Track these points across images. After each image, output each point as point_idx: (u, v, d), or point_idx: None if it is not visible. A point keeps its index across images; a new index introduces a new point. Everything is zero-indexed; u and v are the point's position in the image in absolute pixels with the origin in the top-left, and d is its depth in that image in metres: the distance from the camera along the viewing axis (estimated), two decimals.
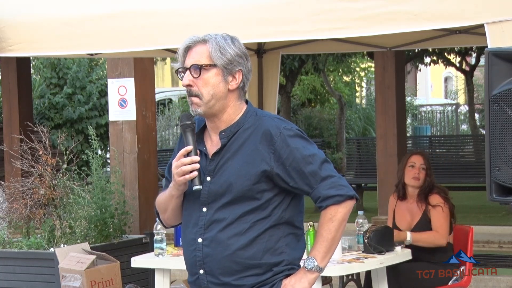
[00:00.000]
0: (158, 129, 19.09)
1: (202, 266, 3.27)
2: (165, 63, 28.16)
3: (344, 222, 3.27)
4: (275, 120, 3.28)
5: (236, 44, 3.31)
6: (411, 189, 6.41)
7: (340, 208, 3.24)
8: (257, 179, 3.21)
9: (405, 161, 6.47)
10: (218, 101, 3.26)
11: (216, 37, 3.30)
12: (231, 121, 3.29)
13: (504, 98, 3.26)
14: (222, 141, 3.27)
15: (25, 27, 6.01)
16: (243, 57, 3.30)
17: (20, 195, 7.10)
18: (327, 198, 3.23)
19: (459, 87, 32.65)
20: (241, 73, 3.28)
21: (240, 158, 3.24)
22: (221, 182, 3.24)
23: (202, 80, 3.24)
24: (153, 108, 8.36)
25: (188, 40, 3.32)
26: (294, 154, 3.22)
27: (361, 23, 4.96)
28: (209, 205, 3.26)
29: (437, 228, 6.25)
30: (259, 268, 3.24)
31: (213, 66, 3.24)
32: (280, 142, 3.22)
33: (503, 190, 3.30)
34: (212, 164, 3.27)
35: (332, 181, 3.25)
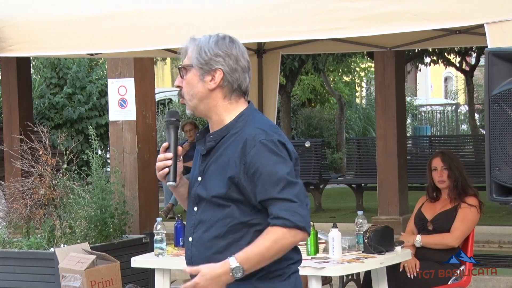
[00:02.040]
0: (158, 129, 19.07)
1: (191, 264, 3.30)
2: (165, 63, 28.18)
3: (282, 252, 3.17)
4: (256, 130, 3.21)
5: (220, 44, 3.29)
6: (443, 190, 6.42)
7: (288, 234, 3.13)
8: (228, 186, 3.20)
9: (428, 166, 6.47)
10: (200, 101, 3.27)
11: (202, 38, 3.32)
12: (222, 123, 3.28)
13: (504, 98, 3.26)
14: (208, 144, 3.28)
15: (25, 27, 6.01)
16: (223, 56, 3.26)
17: (20, 195, 7.11)
18: (277, 218, 3.13)
19: (459, 87, 32.66)
20: (222, 72, 3.24)
21: (219, 164, 3.24)
22: (204, 185, 3.27)
23: (185, 80, 3.28)
24: (153, 108, 8.36)
25: (184, 43, 3.37)
26: (261, 170, 3.15)
27: (361, 23, 4.95)
28: (198, 204, 3.29)
29: (456, 227, 6.24)
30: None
31: (191, 66, 3.27)
32: (252, 155, 3.16)
33: (503, 190, 3.30)
34: (203, 165, 3.30)
35: (290, 205, 3.14)
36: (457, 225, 6.25)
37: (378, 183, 10.76)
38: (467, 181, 6.36)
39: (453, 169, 6.34)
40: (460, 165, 6.42)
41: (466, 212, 6.27)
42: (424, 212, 6.42)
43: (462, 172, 6.36)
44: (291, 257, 3.27)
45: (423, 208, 6.47)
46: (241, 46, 3.34)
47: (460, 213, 6.28)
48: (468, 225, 6.28)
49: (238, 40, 3.38)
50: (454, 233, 6.25)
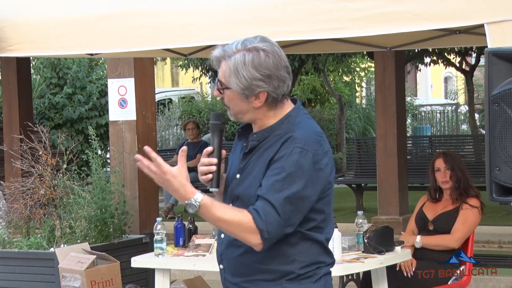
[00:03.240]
0: (158, 129, 19.09)
1: (222, 262, 3.28)
2: (165, 63, 28.19)
3: (228, 233, 3.12)
4: (298, 135, 3.12)
5: (257, 64, 3.12)
6: (446, 190, 6.42)
7: (250, 231, 3.04)
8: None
9: (431, 167, 6.46)
10: (245, 115, 3.19)
11: (236, 55, 3.14)
12: (267, 125, 3.20)
13: (504, 98, 3.26)
14: (251, 144, 3.20)
15: (25, 27, 6.01)
16: (264, 79, 3.11)
17: (20, 195, 7.11)
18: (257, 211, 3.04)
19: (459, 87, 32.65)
20: (266, 92, 3.12)
21: (259, 164, 3.17)
22: (242, 183, 3.21)
23: (225, 96, 3.17)
24: (153, 108, 8.36)
25: (216, 51, 3.20)
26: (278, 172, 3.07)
27: (361, 23, 4.95)
28: (233, 202, 3.23)
29: (456, 229, 6.24)
30: (267, 273, 3.16)
31: (229, 89, 3.15)
32: (282, 155, 3.09)
33: (503, 190, 3.30)
34: (243, 163, 3.23)
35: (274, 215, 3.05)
36: (458, 226, 6.25)
37: (378, 183, 10.77)
38: (469, 181, 6.36)
39: (455, 169, 6.34)
40: (462, 165, 6.43)
41: (467, 213, 6.26)
42: (425, 212, 6.42)
43: (465, 173, 6.37)
44: (323, 260, 3.23)
45: (424, 208, 6.47)
46: (277, 52, 3.18)
47: (461, 214, 6.28)
48: (469, 227, 6.27)
49: (272, 43, 3.21)
50: (454, 234, 6.25)
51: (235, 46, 3.16)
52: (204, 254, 5.80)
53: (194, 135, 13.74)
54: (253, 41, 3.19)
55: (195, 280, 7.00)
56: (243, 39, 3.21)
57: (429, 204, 6.46)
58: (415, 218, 6.48)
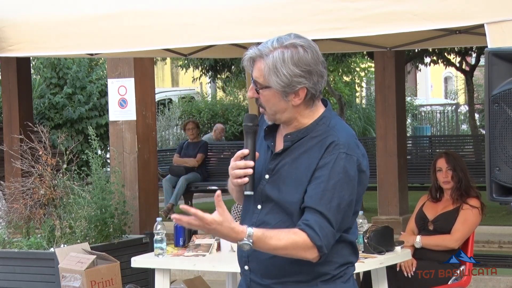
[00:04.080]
0: (158, 129, 19.09)
1: (247, 263, 3.22)
2: (165, 63, 28.18)
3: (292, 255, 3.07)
4: (342, 138, 3.10)
5: (297, 60, 3.09)
6: (446, 190, 6.42)
7: (308, 249, 3.04)
8: (302, 197, 3.10)
9: (433, 167, 6.46)
10: (283, 114, 3.14)
11: (275, 53, 3.10)
12: (300, 126, 3.16)
13: (504, 98, 3.26)
14: (285, 144, 3.16)
15: (25, 27, 6.01)
16: (305, 75, 3.08)
17: (20, 195, 7.10)
18: (311, 228, 3.03)
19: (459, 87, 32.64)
20: (305, 89, 3.10)
21: (297, 168, 3.12)
22: (275, 186, 3.15)
23: (262, 96, 3.13)
24: (153, 108, 8.36)
25: (250, 51, 3.15)
26: (325, 180, 3.05)
27: (361, 23, 4.95)
28: (263, 204, 3.19)
29: (456, 229, 6.24)
30: (301, 275, 3.14)
31: (269, 88, 3.10)
32: (327, 161, 3.07)
33: (503, 190, 3.30)
34: (272, 163, 3.17)
35: (328, 227, 3.04)
36: (458, 227, 6.25)
37: (378, 183, 10.76)
38: (470, 182, 6.36)
39: (457, 170, 6.35)
40: (464, 165, 6.43)
41: (467, 214, 6.26)
42: (425, 212, 6.43)
43: (466, 173, 6.37)
44: (352, 260, 3.26)
45: (424, 208, 6.47)
46: (314, 48, 3.16)
47: (461, 214, 6.28)
48: (469, 227, 6.28)
49: (307, 39, 3.20)
50: (454, 235, 6.25)
51: (270, 45, 3.12)
52: (204, 254, 5.80)
53: (194, 135, 13.74)
54: (289, 38, 3.16)
55: (195, 280, 7.00)
56: (277, 37, 3.17)
57: (429, 204, 6.46)
58: (415, 218, 6.48)
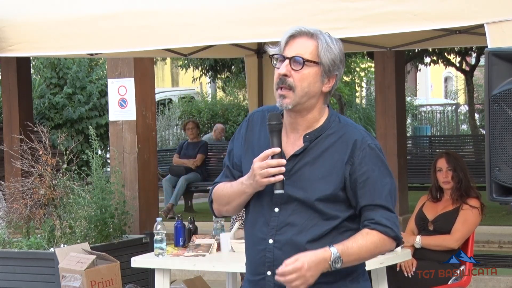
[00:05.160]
0: (158, 129, 19.08)
1: (271, 268, 3.17)
2: (165, 63, 28.19)
3: (374, 257, 3.20)
4: (361, 133, 3.20)
5: (340, 46, 3.21)
6: (446, 190, 6.41)
7: (387, 242, 3.16)
8: (335, 190, 3.15)
9: (433, 167, 6.46)
10: (309, 100, 3.16)
11: (324, 34, 3.19)
12: (314, 122, 3.20)
13: (504, 98, 3.26)
14: (305, 144, 3.18)
15: (25, 27, 6.01)
16: (342, 62, 3.22)
17: (20, 195, 7.10)
18: (379, 224, 3.14)
19: (459, 87, 32.65)
20: (336, 78, 3.20)
21: (321, 166, 3.16)
22: (298, 186, 3.16)
23: (301, 74, 3.14)
24: (153, 108, 8.36)
25: (294, 28, 3.20)
26: (369, 174, 3.15)
27: (361, 23, 4.95)
28: (282, 206, 3.18)
29: (456, 229, 6.24)
30: (331, 275, 3.14)
31: (317, 64, 3.15)
32: (361, 157, 3.15)
33: (503, 190, 3.30)
34: (289, 164, 3.17)
35: (391, 215, 3.17)
36: (457, 227, 6.25)
37: None
38: (470, 182, 6.36)
39: (457, 170, 6.34)
40: (464, 166, 6.43)
41: (467, 214, 6.26)
42: (425, 212, 6.42)
43: (466, 174, 6.37)
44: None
45: (424, 208, 6.47)
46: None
47: (461, 215, 6.27)
48: (469, 227, 6.27)
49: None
50: (454, 235, 6.25)
51: (311, 28, 3.19)
52: (204, 254, 5.80)
53: (194, 135, 13.73)
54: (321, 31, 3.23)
55: (195, 280, 7.00)
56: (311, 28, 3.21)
57: (429, 204, 6.46)
58: (415, 219, 6.48)
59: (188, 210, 13.61)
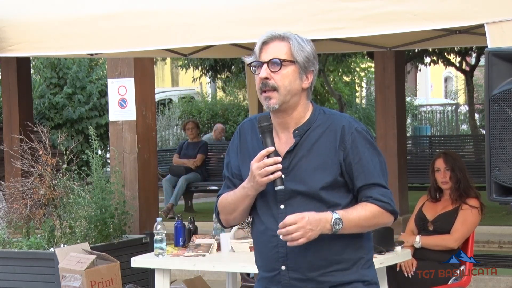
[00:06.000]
0: (158, 129, 19.08)
1: (285, 262, 3.32)
2: (165, 63, 28.18)
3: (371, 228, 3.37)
4: (347, 119, 3.37)
5: (311, 44, 3.39)
6: (445, 190, 6.41)
7: (385, 215, 3.34)
8: (334, 176, 3.30)
9: (431, 167, 6.46)
10: (292, 97, 3.32)
11: (295, 35, 3.37)
12: (300, 119, 3.36)
13: (504, 98, 3.26)
14: (295, 139, 3.33)
15: (25, 27, 6.01)
16: (316, 59, 3.39)
17: (20, 195, 7.10)
18: (377, 199, 3.31)
19: (459, 87, 32.64)
20: (312, 74, 3.37)
21: (316, 156, 3.31)
22: (298, 180, 3.30)
23: (280, 74, 3.31)
24: (153, 108, 8.36)
25: (265, 35, 3.37)
26: (361, 156, 3.31)
27: (361, 23, 4.95)
28: (286, 201, 3.31)
29: (456, 229, 6.24)
30: (343, 263, 3.33)
31: (293, 63, 3.32)
32: (351, 142, 3.31)
33: (503, 190, 3.30)
34: (286, 162, 3.31)
35: (386, 191, 3.35)
36: (457, 226, 6.25)
37: None
38: (469, 182, 6.35)
39: (455, 170, 6.34)
40: (463, 166, 6.42)
41: (467, 214, 6.26)
42: (425, 212, 6.42)
43: (465, 173, 6.36)
44: (372, 245, 3.49)
45: (424, 208, 6.46)
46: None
47: (461, 214, 6.27)
48: (469, 227, 6.27)
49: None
50: (454, 235, 6.25)
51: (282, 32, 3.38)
52: (204, 254, 5.80)
53: (193, 135, 13.73)
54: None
55: (195, 280, 7.00)
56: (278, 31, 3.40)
57: (428, 204, 6.46)
58: (414, 219, 6.48)
59: (188, 210, 13.61)
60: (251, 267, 5.77)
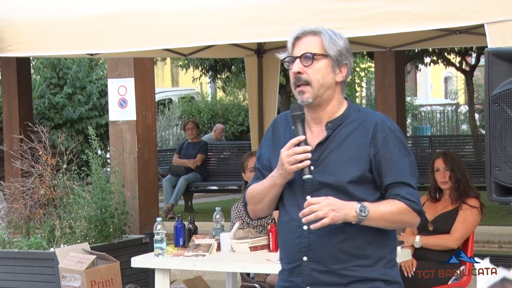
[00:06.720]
0: (158, 129, 19.08)
1: (307, 253, 3.33)
2: (165, 63, 28.19)
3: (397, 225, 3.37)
4: (380, 116, 3.40)
5: (344, 38, 3.41)
6: (445, 190, 6.41)
7: (411, 214, 3.33)
8: (363, 171, 3.31)
9: (430, 167, 6.46)
10: (326, 91, 3.36)
11: (327, 30, 3.39)
12: (334, 113, 3.39)
13: (504, 98, 3.26)
14: (327, 132, 3.36)
15: (25, 27, 6.01)
16: (349, 52, 3.42)
17: (20, 195, 7.10)
18: (404, 198, 3.31)
19: (459, 87, 32.66)
20: (346, 67, 3.40)
21: (345, 151, 3.33)
22: (327, 172, 3.32)
23: (313, 68, 3.34)
24: (153, 108, 8.36)
25: (298, 30, 3.39)
26: (391, 154, 3.33)
27: (361, 23, 4.96)
28: (313, 193, 3.32)
29: (456, 229, 6.24)
30: (365, 259, 3.33)
31: (325, 57, 3.35)
32: (383, 139, 3.33)
33: (503, 190, 3.30)
34: (316, 154, 3.33)
35: (414, 191, 3.35)
36: (457, 226, 6.25)
37: None
38: (468, 182, 6.35)
39: (455, 170, 6.34)
40: (462, 166, 6.42)
41: (467, 214, 6.26)
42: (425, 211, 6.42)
43: (464, 173, 6.36)
44: (396, 246, 3.50)
45: (424, 208, 6.46)
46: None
47: (460, 214, 6.27)
48: (469, 227, 6.27)
49: None
50: (454, 234, 6.25)
51: (314, 27, 3.39)
52: (204, 254, 5.80)
53: (193, 135, 13.73)
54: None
55: (195, 280, 7.00)
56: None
57: (428, 204, 6.46)
58: None
59: (188, 210, 13.61)
60: (251, 267, 5.77)
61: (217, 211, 6.17)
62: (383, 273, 3.36)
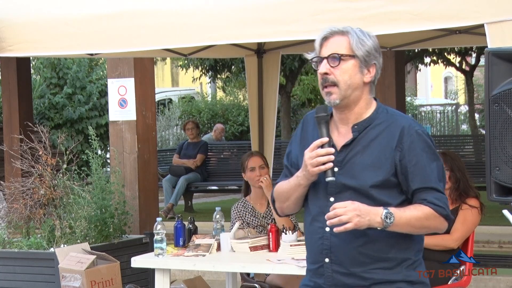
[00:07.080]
0: (158, 129, 19.08)
1: (329, 255, 3.33)
2: (165, 63, 28.20)
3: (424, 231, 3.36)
4: (408, 120, 3.35)
5: (373, 38, 3.38)
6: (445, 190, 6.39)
7: (438, 219, 3.33)
8: (387, 175, 3.28)
9: None
10: (353, 92, 3.33)
11: (355, 29, 3.36)
12: (362, 114, 3.36)
13: (504, 98, 3.26)
14: (353, 134, 3.33)
15: (25, 27, 6.01)
16: (378, 52, 3.38)
17: (20, 195, 7.10)
18: (431, 203, 3.29)
19: (459, 87, 32.65)
20: (375, 67, 3.37)
21: (371, 153, 3.30)
22: (351, 175, 3.30)
23: (340, 69, 3.31)
24: (153, 108, 8.35)
25: (325, 30, 3.37)
26: (418, 159, 3.29)
27: (361, 23, 4.94)
28: (336, 195, 3.31)
29: (455, 229, 6.23)
30: (387, 262, 3.33)
31: (352, 57, 3.32)
32: (409, 143, 3.29)
33: (503, 190, 3.31)
34: (341, 155, 3.32)
35: (441, 196, 3.34)
36: (457, 226, 6.24)
37: None
38: (468, 182, 6.35)
39: (454, 170, 6.33)
40: (462, 166, 6.41)
41: (466, 213, 6.26)
42: None
43: (464, 173, 6.35)
44: (422, 247, 3.53)
45: None
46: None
47: (460, 214, 6.27)
48: (468, 227, 6.27)
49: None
50: (453, 234, 6.24)
51: (342, 27, 3.38)
52: (204, 254, 5.79)
53: (193, 135, 13.73)
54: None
55: (195, 280, 7.00)
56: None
57: None
58: None
59: (188, 210, 13.61)
60: (251, 267, 5.77)
61: (217, 211, 6.17)
62: (406, 275, 3.40)
